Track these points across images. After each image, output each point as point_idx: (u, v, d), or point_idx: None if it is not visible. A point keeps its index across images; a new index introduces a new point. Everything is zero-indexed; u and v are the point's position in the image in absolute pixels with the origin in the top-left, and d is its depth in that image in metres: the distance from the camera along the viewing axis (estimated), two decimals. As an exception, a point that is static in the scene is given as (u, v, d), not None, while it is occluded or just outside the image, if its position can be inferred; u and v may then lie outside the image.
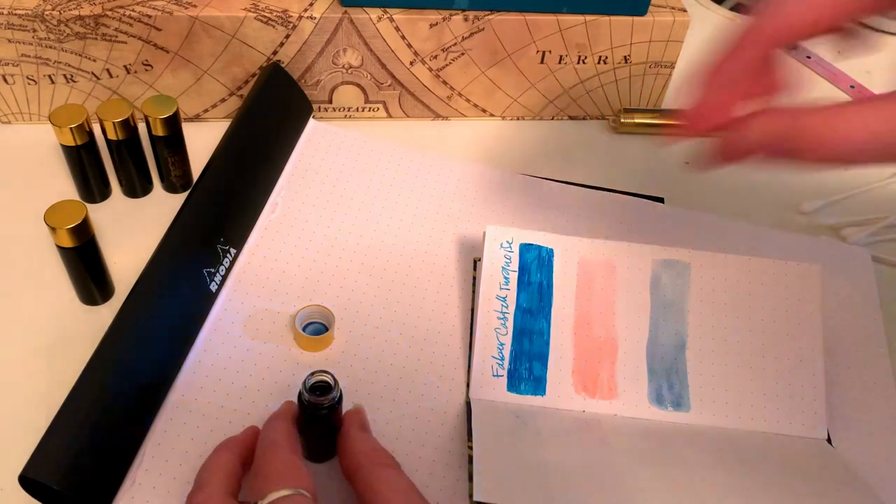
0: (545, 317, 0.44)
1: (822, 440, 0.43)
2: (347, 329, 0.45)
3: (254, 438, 0.36)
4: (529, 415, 0.42)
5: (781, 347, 0.44)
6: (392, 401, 0.42)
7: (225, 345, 0.43)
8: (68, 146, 0.48)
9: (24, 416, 0.41)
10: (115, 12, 0.50)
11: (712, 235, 0.52)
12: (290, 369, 0.43)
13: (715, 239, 0.52)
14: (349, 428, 0.37)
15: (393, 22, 0.53)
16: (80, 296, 0.46)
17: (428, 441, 0.41)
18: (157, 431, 0.39)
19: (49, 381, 0.42)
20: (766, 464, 0.41)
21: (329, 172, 0.53)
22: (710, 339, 0.45)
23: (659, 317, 0.45)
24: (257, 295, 0.46)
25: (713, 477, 0.39)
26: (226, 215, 0.46)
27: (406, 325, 0.46)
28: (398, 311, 0.46)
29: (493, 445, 0.38)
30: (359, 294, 0.47)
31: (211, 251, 0.44)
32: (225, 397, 0.41)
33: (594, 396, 0.43)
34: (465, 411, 0.42)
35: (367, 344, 0.45)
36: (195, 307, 0.43)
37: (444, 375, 0.44)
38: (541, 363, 0.44)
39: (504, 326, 0.44)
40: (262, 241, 0.48)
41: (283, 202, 0.50)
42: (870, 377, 0.46)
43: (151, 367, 0.40)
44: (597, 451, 0.40)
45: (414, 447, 0.41)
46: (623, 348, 0.44)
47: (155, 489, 0.37)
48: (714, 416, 0.43)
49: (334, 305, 0.45)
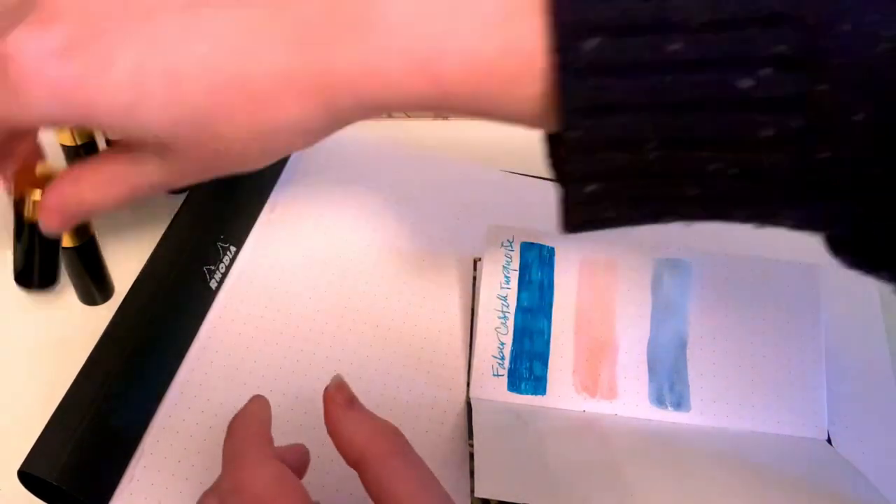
0: (546, 316, 0.44)
1: (822, 440, 0.43)
2: (347, 328, 0.45)
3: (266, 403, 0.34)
4: (530, 414, 0.42)
5: (782, 347, 0.44)
6: (392, 399, 0.42)
7: (224, 342, 0.43)
8: (68, 146, 0.48)
9: (24, 414, 0.40)
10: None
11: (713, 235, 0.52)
12: (290, 367, 0.43)
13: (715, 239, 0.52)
14: (336, 411, 0.32)
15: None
16: (79, 295, 0.46)
17: (428, 440, 0.41)
18: (155, 428, 0.39)
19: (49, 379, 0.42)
20: (767, 464, 0.41)
21: (329, 171, 0.53)
22: (711, 338, 0.45)
23: (660, 316, 0.45)
24: (257, 293, 0.46)
25: (714, 477, 0.39)
26: (226, 213, 0.46)
27: (406, 324, 0.46)
28: (398, 311, 0.46)
29: (494, 443, 0.38)
30: (358, 293, 0.47)
31: (211, 248, 0.44)
32: (224, 394, 0.41)
33: (595, 396, 0.43)
34: (465, 411, 0.42)
35: (367, 342, 0.44)
36: (195, 304, 0.43)
37: (444, 375, 0.44)
38: (541, 363, 0.43)
39: (505, 326, 0.44)
40: (263, 239, 0.48)
41: (283, 200, 0.50)
42: (870, 377, 0.46)
43: (151, 363, 0.40)
44: (597, 451, 0.40)
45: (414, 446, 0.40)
46: (624, 348, 0.44)
47: (153, 485, 0.37)
48: (715, 417, 0.43)
49: (334, 303, 0.45)
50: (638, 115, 0.24)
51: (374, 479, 0.30)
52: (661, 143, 0.25)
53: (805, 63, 0.23)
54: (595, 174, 0.26)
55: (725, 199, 0.26)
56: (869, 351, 0.48)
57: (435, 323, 0.46)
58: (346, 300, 0.46)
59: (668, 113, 0.24)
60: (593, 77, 0.24)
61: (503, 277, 0.45)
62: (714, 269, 0.46)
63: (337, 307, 0.46)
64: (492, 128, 0.54)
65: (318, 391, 0.42)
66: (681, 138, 0.25)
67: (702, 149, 0.25)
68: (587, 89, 0.24)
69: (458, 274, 0.48)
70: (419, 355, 0.44)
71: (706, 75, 0.24)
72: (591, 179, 0.26)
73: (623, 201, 0.27)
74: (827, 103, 0.24)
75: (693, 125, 0.24)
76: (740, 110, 0.24)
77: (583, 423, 0.42)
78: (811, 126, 0.24)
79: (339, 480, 0.39)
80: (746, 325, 0.45)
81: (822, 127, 0.24)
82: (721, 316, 0.45)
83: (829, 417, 0.44)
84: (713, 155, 0.25)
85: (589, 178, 0.26)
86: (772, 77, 0.23)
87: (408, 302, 0.47)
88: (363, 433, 0.31)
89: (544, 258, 0.45)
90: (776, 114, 0.24)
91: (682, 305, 0.45)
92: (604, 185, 0.26)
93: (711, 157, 0.25)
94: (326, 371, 0.43)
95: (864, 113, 0.23)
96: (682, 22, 0.23)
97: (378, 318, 0.46)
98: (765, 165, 0.25)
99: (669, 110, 0.24)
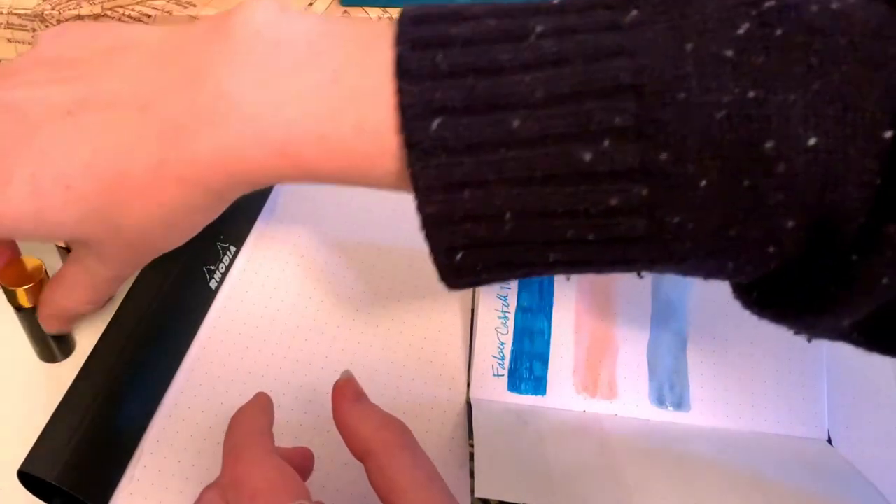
0: (546, 316, 0.44)
1: (822, 440, 0.43)
2: (347, 327, 0.45)
3: (269, 400, 0.34)
4: (530, 415, 0.42)
5: (782, 347, 0.44)
6: (392, 399, 0.42)
7: (225, 342, 0.43)
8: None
9: (24, 414, 0.40)
10: (114, 12, 0.50)
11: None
12: (289, 367, 0.43)
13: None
14: (344, 403, 0.32)
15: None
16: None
17: (428, 440, 0.41)
18: (155, 428, 0.39)
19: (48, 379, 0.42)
20: (767, 464, 0.41)
21: (329, 172, 0.53)
22: (711, 338, 0.45)
23: (660, 316, 0.45)
24: (257, 293, 0.46)
25: (713, 477, 0.39)
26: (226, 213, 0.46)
27: (406, 324, 0.46)
28: (398, 310, 0.46)
29: (495, 443, 0.38)
30: (359, 292, 0.47)
31: (211, 248, 0.44)
32: (224, 394, 0.41)
33: (595, 396, 0.43)
34: (465, 411, 0.42)
35: (368, 342, 0.44)
36: (195, 304, 0.43)
37: (444, 375, 0.44)
38: (541, 363, 0.43)
39: (505, 326, 0.44)
40: (263, 239, 0.48)
41: (284, 200, 0.50)
42: (870, 377, 0.46)
43: (151, 363, 0.40)
44: (597, 451, 0.40)
45: (414, 446, 0.41)
46: (624, 348, 0.44)
47: (153, 485, 0.37)
48: (715, 417, 0.43)
49: (334, 303, 0.45)
50: (489, 189, 0.25)
51: (379, 471, 0.30)
52: (515, 215, 0.25)
53: (645, 133, 0.24)
54: (459, 245, 0.26)
55: (589, 262, 0.27)
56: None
57: (435, 323, 0.46)
58: (345, 300, 0.46)
59: (517, 187, 0.25)
60: (442, 155, 0.25)
61: (503, 277, 0.45)
62: (714, 269, 0.46)
63: (337, 307, 0.46)
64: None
65: (319, 391, 0.42)
66: (534, 210, 0.25)
67: (556, 218, 0.25)
68: (436, 167, 0.25)
69: (458, 274, 0.48)
70: (419, 355, 0.44)
71: (548, 149, 0.24)
72: (456, 249, 0.26)
73: (493, 266, 0.27)
74: (671, 172, 0.24)
75: (544, 197, 0.25)
76: (587, 182, 0.24)
77: (583, 423, 0.42)
78: (656, 194, 0.24)
79: (340, 481, 0.39)
80: (747, 325, 0.45)
81: (669, 195, 0.24)
82: (721, 316, 0.45)
83: (829, 417, 0.44)
84: (568, 223, 0.25)
85: (454, 249, 0.26)
86: (613, 148, 0.24)
87: (408, 302, 0.46)
88: (370, 426, 0.31)
89: (544, 258, 0.45)
90: (621, 183, 0.24)
91: (682, 305, 0.45)
92: (469, 252, 0.26)
93: (567, 225, 0.25)
94: (326, 371, 0.43)
95: (706, 179, 0.24)
96: (523, 99, 0.24)
97: (378, 318, 0.46)
98: (621, 230, 0.25)
99: (518, 185, 0.25)
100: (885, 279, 0.24)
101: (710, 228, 0.25)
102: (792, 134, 0.23)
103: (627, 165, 0.24)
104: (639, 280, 0.45)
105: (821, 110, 0.23)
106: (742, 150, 0.23)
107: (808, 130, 0.23)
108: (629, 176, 0.24)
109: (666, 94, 0.23)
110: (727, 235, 0.25)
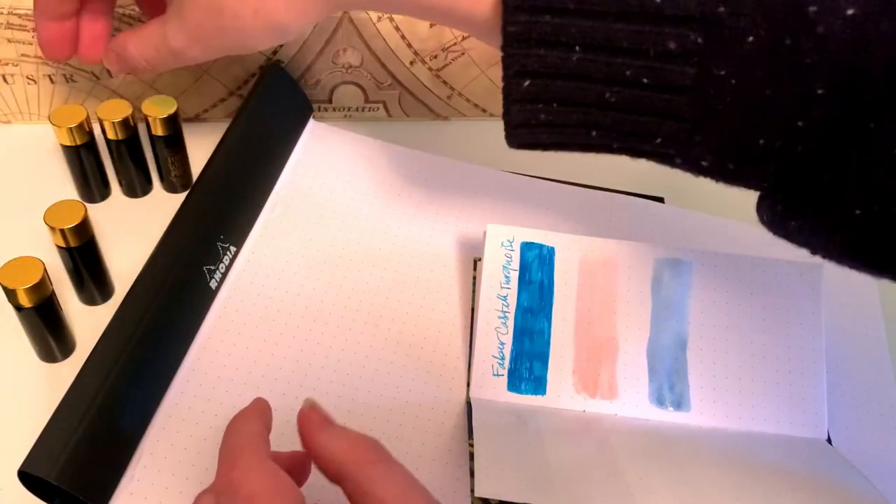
0: (546, 316, 0.44)
1: (822, 440, 0.43)
2: (347, 328, 0.45)
3: (267, 406, 0.34)
4: (530, 414, 0.42)
5: (782, 347, 0.44)
6: (392, 399, 0.42)
7: (224, 342, 0.43)
8: (68, 146, 0.48)
9: (24, 414, 0.40)
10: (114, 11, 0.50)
11: (713, 235, 0.52)
12: (290, 367, 0.43)
13: (715, 239, 0.52)
14: (310, 429, 0.31)
15: (393, 21, 0.53)
16: (79, 296, 0.46)
17: (428, 440, 0.41)
18: (155, 427, 0.39)
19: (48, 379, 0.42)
20: (767, 464, 0.41)
21: (329, 172, 0.53)
22: (711, 338, 0.45)
23: (660, 316, 0.45)
24: (257, 293, 0.46)
25: (713, 477, 0.39)
26: (226, 213, 0.46)
27: (406, 324, 0.46)
28: (398, 311, 0.46)
29: (494, 443, 0.38)
30: (359, 292, 0.47)
31: (211, 248, 0.44)
32: (224, 394, 0.41)
33: (595, 396, 0.43)
34: (465, 411, 0.42)
35: (368, 342, 0.44)
36: (195, 304, 0.43)
37: (444, 375, 0.44)
38: (541, 363, 0.43)
39: (505, 326, 0.44)
40: (263, 240, 0.48)
41: (283, 201, 0.50)
42: (870, 377, 0.46)
43: (151, 363, 0.40)
44: (597, 451, 0.40)
45: (414, 446, 0.41)
46: (624, 348, 0.44)
47: (153, 485, 0.37)
48: (715, 417, 0.43)
49: (334, 303, 0.45)
50: (566, 18, 0.29)
51: (357, 489, 0.29)
52: (584, 48, 0.30)
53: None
54: (529, 70, 0.31)
55: (638, 111, 0.31)
56: (869, 351, 0.48)
57: (435, 323, 0.46)
58: (345, 300, 0.46)
59: (592, 19, 0.29)
60: None
61: (503, 277, 0.45)
62: (714, 268, 0.46)
63: (337, 307, 0.46)
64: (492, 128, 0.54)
65: (319, 391, 0.42)
66: (601, 44, 0.30)
67: (620, 55, 0.30)
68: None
69: (458, 274, 0.48)
70: (419, 355, 0.44)
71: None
72: (525, 75, 0.31)
73: (553, 101, 0.32)
74: (726, 24, 0.28)
75: (613, 33, 0.29)
76: (652, 22, 0.29)
77: (583, 423, 0.42)
78: (710, 43, 0.28)
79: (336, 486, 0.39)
80: (746, 324, 0.45)
81: (720, 46, 0.28)
82: (721, 316, 0.45)
83: (829, 417, 0.44)
84: (629, 62, 0.30)
85: (523, 75, 0.31)
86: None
87: (408, 302, 0.47)
88: (342, 446, 0.30)
89: (544, 258, 0.45)
90: (682, 28, 0.29)
91: (682, 305, 0.45)
92: (536, 82, 0.31)
93: (628, 65, 0.30)
94: (327, 371, 0.43)
95: (753, 35, 0.28)
96: None
97: (378, 318, 0.46)
98: (673, 76, 0.29)
99: (593, 17, 0.29)
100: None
101: (749, 86, 0.29)
102: (833, 3, 0.27)
103: (690, 12, 0.28)
104: (639, 280, 0.45)
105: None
106: (789, 10, 0.27)
107: (848, 2, 0.27)
108: (689, 24, 0.28)
109: None
110: (763, 95, 0.29)
